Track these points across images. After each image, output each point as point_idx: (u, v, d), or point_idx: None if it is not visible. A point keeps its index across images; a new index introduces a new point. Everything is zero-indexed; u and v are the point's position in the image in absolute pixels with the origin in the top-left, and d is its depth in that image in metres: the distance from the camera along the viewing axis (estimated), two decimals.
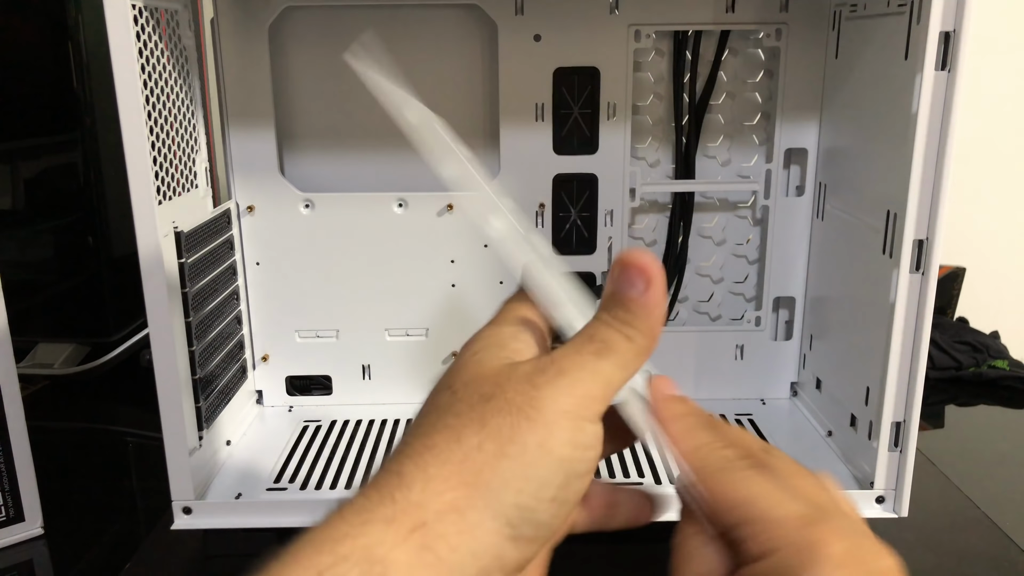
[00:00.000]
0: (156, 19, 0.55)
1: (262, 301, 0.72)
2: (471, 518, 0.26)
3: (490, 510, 0.26)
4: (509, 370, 0.29)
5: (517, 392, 0.28)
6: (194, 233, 0.59)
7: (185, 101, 0.61)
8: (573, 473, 0.28)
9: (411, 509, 0.26)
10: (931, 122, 0.51)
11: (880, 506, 0.57)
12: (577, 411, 0.28)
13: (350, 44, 0.69)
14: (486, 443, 0.27)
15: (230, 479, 0.62)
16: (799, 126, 0.69)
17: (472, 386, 0.29)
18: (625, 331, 0.29)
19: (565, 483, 0.28)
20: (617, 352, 0.29)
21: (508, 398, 0.28)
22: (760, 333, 0.74)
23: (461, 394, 0.29)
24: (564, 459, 0.27)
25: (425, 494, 0.26)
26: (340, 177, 0.71)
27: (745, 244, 0.74)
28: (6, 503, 0.59)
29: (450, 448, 0.27)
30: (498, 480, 0.26)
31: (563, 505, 0.28)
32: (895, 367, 0.55)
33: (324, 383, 0.75)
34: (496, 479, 0.26)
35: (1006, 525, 0.62)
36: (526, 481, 0.27)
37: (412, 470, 0.27)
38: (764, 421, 0.71)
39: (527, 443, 0.27)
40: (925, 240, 0.53)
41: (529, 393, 0.28)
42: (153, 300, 0.53)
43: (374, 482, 0.27)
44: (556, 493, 0.27)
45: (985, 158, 1.08)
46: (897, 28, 0.54)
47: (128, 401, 0.85)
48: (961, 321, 1.01)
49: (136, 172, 0.51)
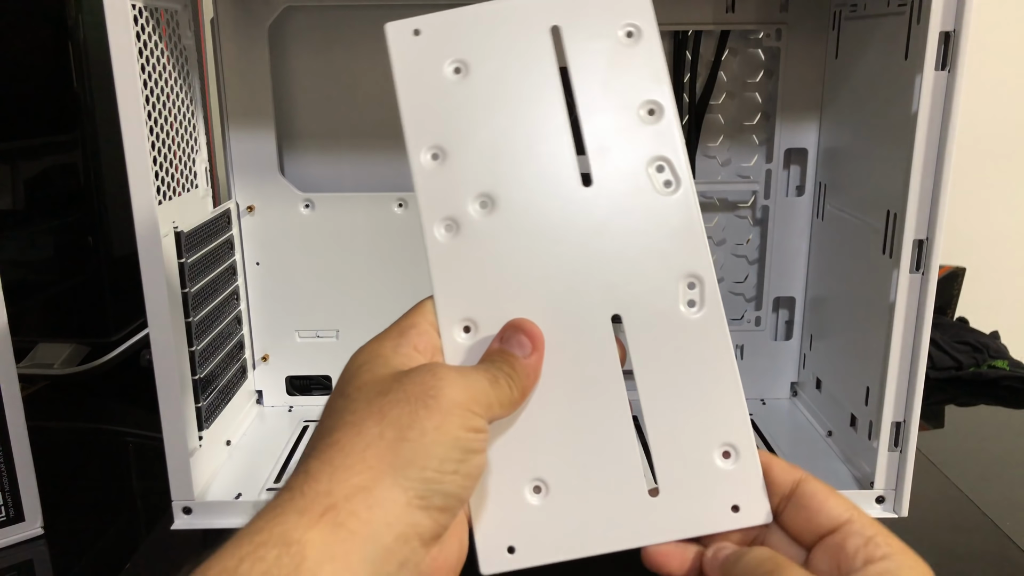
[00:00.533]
0: (156, 19, 0.55)
1: (262, 301, 0.72)
2: (379, 494, 0.28)
3: (398, 486, 0.29)
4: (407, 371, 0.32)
5: (416, 384, 0.31)
6: (194, 233, 0.59)
7: (185, 101, 0.61)
8: (469, 450, 0.31)
9: (320, 498, 0.28)
10: (931, 122, 0.51)
11: (880, 506, 0.57)
12: (468, 405, 0.31)
13: (350, 44, 0.70)
14: (386, 431, 0.30)
15: (230, 479, 0.62)
16: (799, 126, 0.69)
17: (367, 388, 0.31)
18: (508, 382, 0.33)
19: (463, 458, 0.31)
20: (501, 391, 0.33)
21: (406, 390, 0.31)
22: (760, 333, 0.74)
23: (356, 395, 0.31)
24: (459, 438, 0.31)
25: (332, 483, 0.28)
26: (340, 177, 0.71)
27: (745, 244, 0.74)
28: (6, 503, 0.59)
29: (352, 441, 0.29)
30: (401, 460, 0.29)
31: (466, 477, 0.31)
32: (895, 367, 0.55)
33: (324, 383, 0.75)
34: (399, 459, 0.29)
35: (1006, 525, 0.62)
36: (428, 458, 0.30)
37: (318, 466, 0.29)
38: (764, 421, 0.71)
39: (425, 427, 0.30)
40: (925, 240, 0.53)
41: (428, 383, 0.31)
42: (153, 300, 0.53)
43: (286, 484, 0.29)
44: (457, 467, 0.30)
45: (985, 158, 1.08)
46: (897, 28, 0.54)
47: (128, 401, 0.85)
48: (961, 321, 1.01)
49: (136, 172, 0.51)
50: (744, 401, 0.35)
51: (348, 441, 0.29)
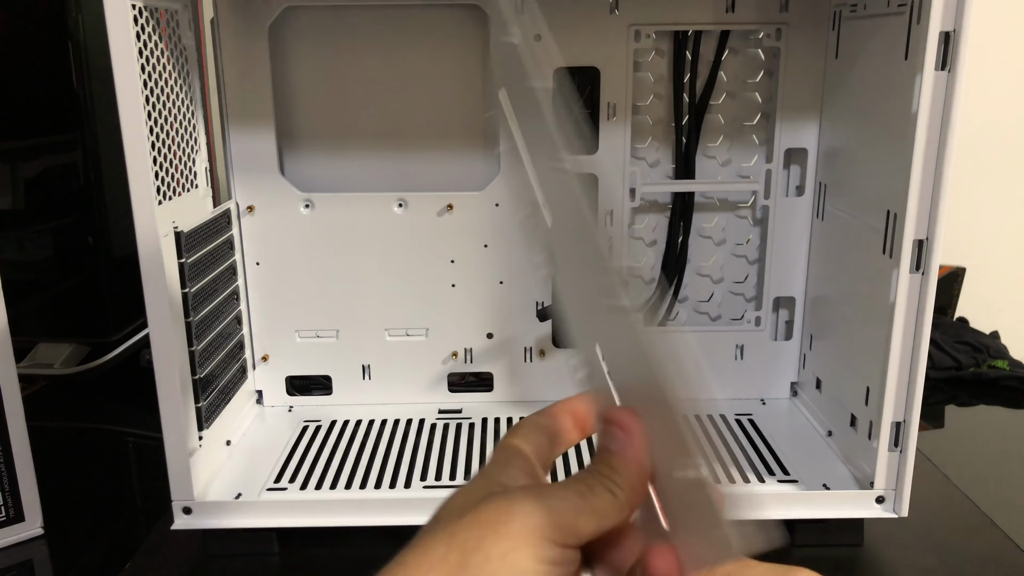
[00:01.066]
0: (156, 19, 0.55)
1: (262, 301, 0.72)
2: None
3: None
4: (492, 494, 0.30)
5: (492, 510, 0.29)
6: (194, 233, 0.59)
7: (185, 101, 0.61)
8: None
9: None
10: (931, 122, 0.51)
11: (880, 506, 0.57)
12: (544, 531, 0.28)
13: (350, 44, 0.70)
14: (451, 554, 0.28)
15: (230, 479, 0.62)
16: (799, 126, 0.69)
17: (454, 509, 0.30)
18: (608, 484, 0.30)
19: None
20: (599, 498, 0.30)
21: (480, 515, 0.29)
22: (760, 333, 0.74)
23: (440, 515, 0.30)
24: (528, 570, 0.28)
25: None
26: (340, 177, 0.71)
27: (745, 244, 0.74)
28: (6, 503, 0.59)
29: (418, 562, 0.28)
30: None
31: None
32: (895, 367, 0.55)
33: (324, 383, 0.75)
34: None
35: (1006, 525, 0.62)
36: None
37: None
38: (764, 421, 0.71)
39: (490, 554, 0.28)
40: (925, 240, 0.53)
41: (503, 508, 0.29)
42: (153, 300, 0.53)
43: None
44: None
45: (985, 158, 1.08)
46: (897, 28, 0.54)
47: (128, 401, 0.85)
48: (961, 321, 1.01)
49: (136, 172, 0.51)
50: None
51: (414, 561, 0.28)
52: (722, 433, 0.68)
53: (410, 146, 0.70)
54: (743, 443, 0.67)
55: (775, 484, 0.60)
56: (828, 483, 0.60)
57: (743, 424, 0.70)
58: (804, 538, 0.59)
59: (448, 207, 0.69)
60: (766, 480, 0.61)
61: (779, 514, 0.58)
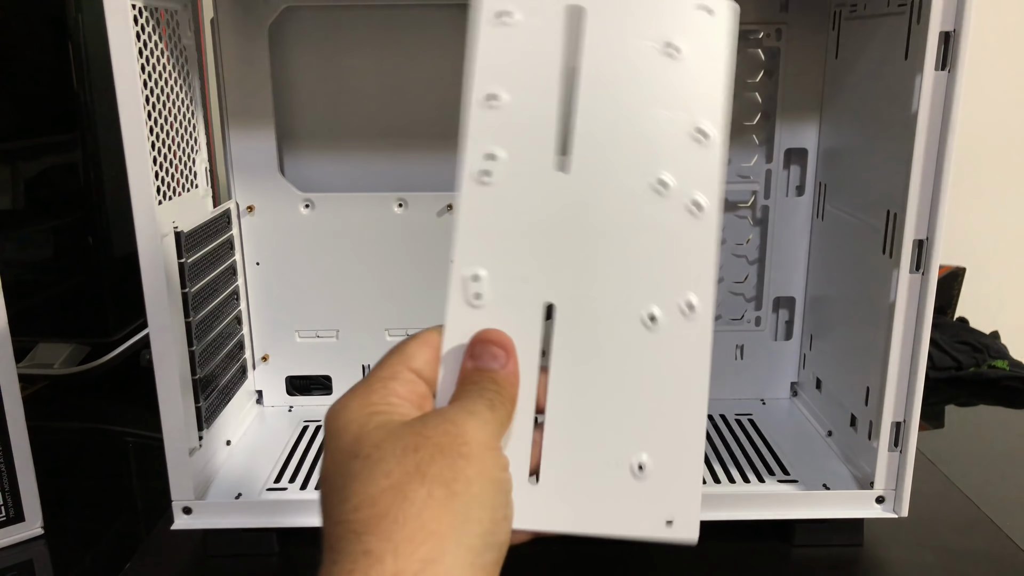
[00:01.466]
0: (156, 19, 0.55)
1: (262, 301, 0.72)
2: (447, 562, 0.27)
3: (461, 547, 0.28)
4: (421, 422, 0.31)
5: (441, 434, 0.30)
6: (194, 233, 0.59)
7: (185, 101, 0.61)
8: (507, 490, 0.31)
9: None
10: (931, 122, 0.51)
11: (880, 506, 0.57)
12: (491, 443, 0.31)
13: (350, 44, 0.70)
14: (434, 490, 0.28)
15: (230, 479, 0.62)
16: (799, 126, 0.69)
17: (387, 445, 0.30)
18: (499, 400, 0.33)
19: (506, 500, 0.31)
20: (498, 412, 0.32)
21: (436, 443, 0.29)
22: (760, 333, 0.74)
23: (378, 455, 0.29)
24: (499, 479, 0.30)
25: (399, 561, 0.27)
26: (340, 177, 0.71)
27: (745, 244, 0.74)
28: (6, 503, 0.59)
29: (402, 508, 0.28)
30: (458, 518, 0.28)
31: (508, 520, 0.31)
32: (895, 367, 0.55)
33: (324, 383, 0.75)
34: (456, 518, 0.28)
35: (1006, 525, 0.62)
36: (481, 509, 0.29)
37: (377, 544, 0.27)
38: (764, 421, 0.71)
39: (469, 477, 0.29)
40: (925, 240, 0.53)
41: (453, 433, 0.30)
42: (153, 300, 0.53)
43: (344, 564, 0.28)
44: (505, 511, 0.30)
45: (985, 158, 1.08)
46: (897, 28, 0.54)
47: (128, 401, 0.85)
48: (961, 321, 1.01)
49: (136, 172, 0.51)
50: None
51: (398, 509, 0.28)
52: (722, 433, 0.68)
53: (410, 146, 0.70)
54: (743, 443, 0.67)
55: (775, 484, 0.60)
56: (828, 483, 0.60)
57: (743, 424, 0.70)
58: (804, 538, 0.59)
59: (448, 207, 0.69)
60: (766, 480, 0.61)
61: (779, 514, 0.58)
